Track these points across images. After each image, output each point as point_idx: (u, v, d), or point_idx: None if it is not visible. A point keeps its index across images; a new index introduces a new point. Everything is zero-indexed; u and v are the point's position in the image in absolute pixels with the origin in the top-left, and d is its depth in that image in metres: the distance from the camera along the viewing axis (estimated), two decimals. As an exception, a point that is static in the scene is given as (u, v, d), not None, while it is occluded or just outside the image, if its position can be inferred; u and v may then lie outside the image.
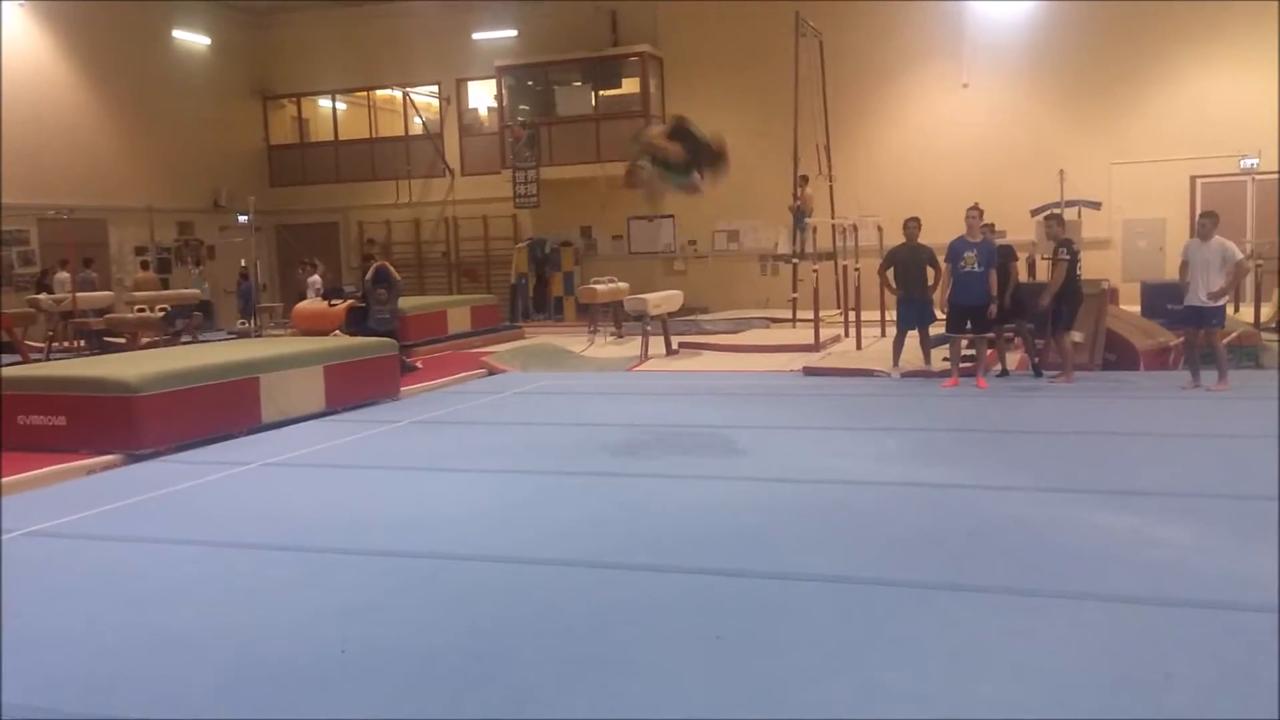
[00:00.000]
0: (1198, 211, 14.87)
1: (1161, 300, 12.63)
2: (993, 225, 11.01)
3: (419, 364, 13.50)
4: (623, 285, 16.04)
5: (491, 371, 13.07)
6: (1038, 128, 18.38)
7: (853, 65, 18.68)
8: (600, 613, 4.28)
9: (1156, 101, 17.75)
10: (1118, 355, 11.06)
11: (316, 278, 17.11)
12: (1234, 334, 10.74)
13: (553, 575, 4.82)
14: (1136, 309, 13.17)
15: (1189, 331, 9.69)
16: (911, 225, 10.89)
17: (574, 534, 5.48)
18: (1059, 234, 10.37)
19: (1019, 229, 15.93)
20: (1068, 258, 10.09)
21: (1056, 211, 12.30)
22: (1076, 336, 10.56)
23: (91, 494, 6.82)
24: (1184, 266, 9.50)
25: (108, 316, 15.23)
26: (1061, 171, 16.57)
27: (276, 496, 6.69)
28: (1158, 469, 6.56)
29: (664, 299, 14.39)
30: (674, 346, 14.26)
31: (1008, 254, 10.62)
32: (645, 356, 13.56)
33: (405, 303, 14.29)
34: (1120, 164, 17.86)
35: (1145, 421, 8.35)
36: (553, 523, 5.76)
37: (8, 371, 9.52)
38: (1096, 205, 16.72)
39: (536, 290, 20.80)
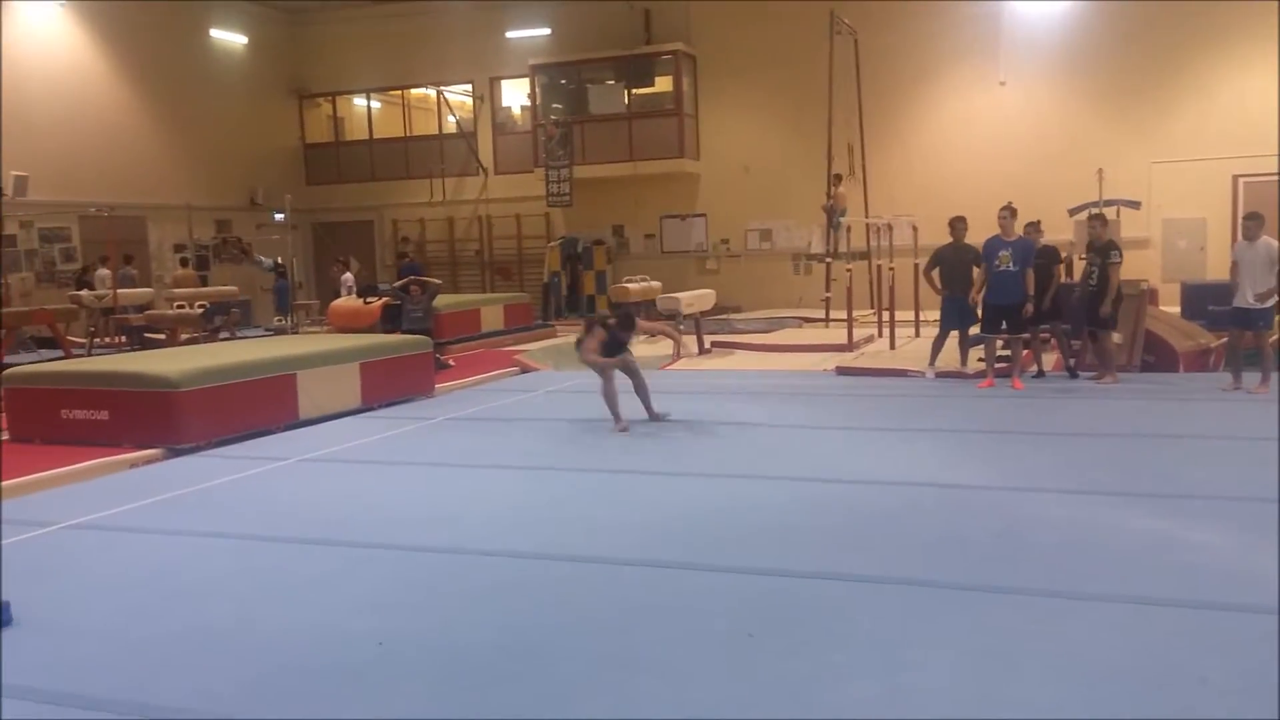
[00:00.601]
0: (1240, 211, 14.67)
1: (1202, 301, 12.46)
2: (1039, 223, 10.81)
3: (451, 362, 13.60)
4: (655, 284, 16.04)
5: (524, 370, 13.13)
6: (1076, 126, 18.17)
7: (888, 63, 18.59)
8: (629, 610, 4.30)
9: (1197, 100, 17.50)
10: (1157, 357, 10.92)
11: (349, 275, 17.29)
12: (1277, 336, 10.56)
13: (583, 572, 4.84)
14: (1176, 310, 12.99)
15: (1234, 333, 9.56)
16: (959, 225, 10.80)
17: (605, 531, 5.51)
18: (1102, 235, 10.21)
19: (1056, 228, 15.76)
20: (1119, 260, 9.98)
21: (1099, 212, 12.11)
22: (1115, 337, 10.44)
23: (132, 488, 6.94)
24: (1234, 267, 9.37)
25: (148, 313, 15.48)
26: (1100, 170, 16.38)
27: (312, 492, 6.76)
28: (1194, 471, 6.48)
29: (696, 298, 14.38)
30: (706, 345, 14.25)
31: (1051, 255, 10.47)
32: (677, 355, 13.55)
33: (439, 301, 14.39)
34: (1160, 163, 17.62)
35: (1183, 423, 8.25)
36: (583, 520, 5.79)
37: (52, 366, 9.70)
38: (1136, 205, 16.50)
39: (569, 289, 20.83)
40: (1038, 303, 10.11)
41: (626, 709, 3.38)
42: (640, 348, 14.99)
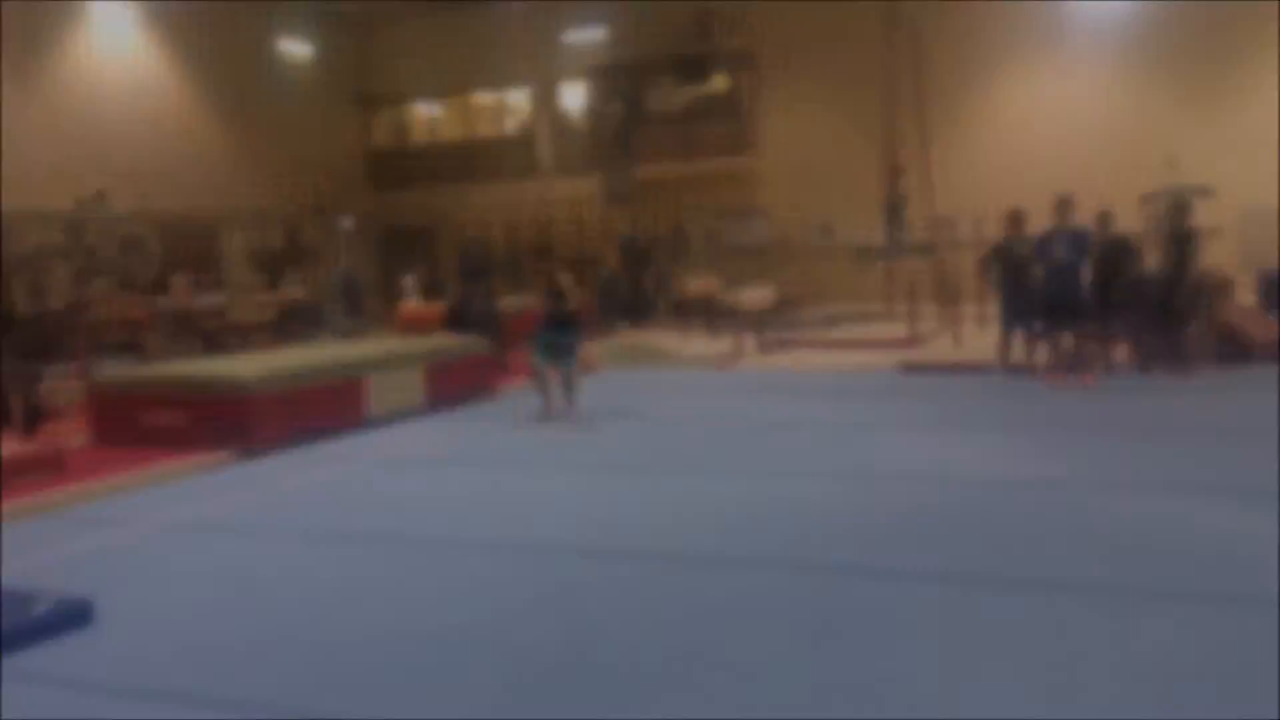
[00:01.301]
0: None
1: (1280, 291, 12.08)
2: (1110, 213, 10.52)
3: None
4: (715, 282, 16.04)
5: (585, 370, 13.17)
6: (1146, 114, 17.71)
7: (951, 56, 18.31)
8: (697, 607, 4.32)
9: (1271, 84, 16.92)
10: (1233, 348, 10.64)
11: (409, 278, 17.60)
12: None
13: (648, 570, 4.87)
14: (1253, 300, 12.62)
15: None
16: (1017, 219, 10.63)
17: (671, 529, 5.54)
18: (1183, 225, 9.96)
19: (1125, 219, 15.41)
20: (1199, 250, 9.74)
21: (1181, 200, 11.80)
22: (1190, 329, 10.18)
23: (208, 489, 7.15)
24: None
25: (222, 318, 15.88)
26: (1172, 158, 15.94)
27: (381, 492, 6.90)
28: (1272, 465, 6.30)
29: (757, 295, 14.34)
30: (767, 343, 14.19)
31: (1123, 246, 10.24)
32: (739, 353, 13.54)
33: (502, 302, 14.53)
34: (1235, 150, 17.10)
35: (1259, 417, 8.00)
36: (650, 518, 5.82)
37: (131, 372, 10.01)
38: (1210, 192, 16.03)
39: (630, 289, 20.80)
40: (1109, 295, 9.89)
41: (693, 708, 3.40)
42: (698, 346, 15.02)
